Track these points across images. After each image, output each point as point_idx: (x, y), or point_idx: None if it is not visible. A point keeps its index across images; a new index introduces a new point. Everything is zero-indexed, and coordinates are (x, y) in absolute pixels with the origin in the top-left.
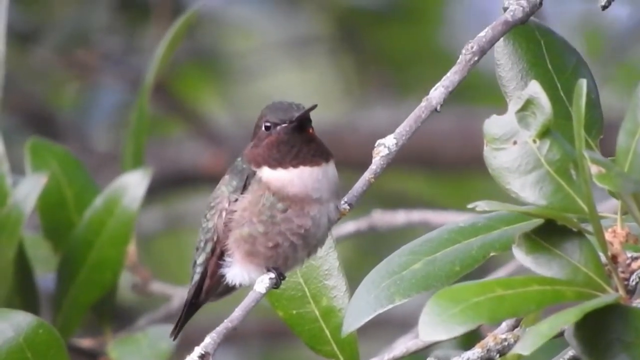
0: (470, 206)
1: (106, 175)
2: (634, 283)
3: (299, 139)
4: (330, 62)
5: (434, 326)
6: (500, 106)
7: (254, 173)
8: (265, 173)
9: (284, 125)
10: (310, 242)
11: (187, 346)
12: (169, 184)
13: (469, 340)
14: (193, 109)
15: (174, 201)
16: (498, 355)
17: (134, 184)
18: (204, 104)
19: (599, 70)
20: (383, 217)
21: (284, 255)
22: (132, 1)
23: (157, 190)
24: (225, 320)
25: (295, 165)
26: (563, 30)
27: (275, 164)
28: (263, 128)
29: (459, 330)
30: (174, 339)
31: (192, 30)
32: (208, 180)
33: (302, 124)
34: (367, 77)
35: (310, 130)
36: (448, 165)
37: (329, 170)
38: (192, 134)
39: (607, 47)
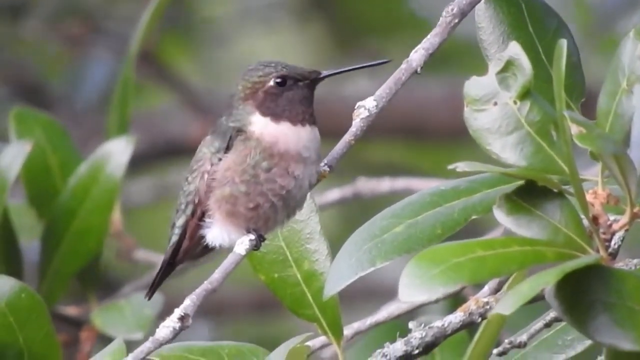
0: (450, 167)
1: (96, 146)
2: (616, 246)
3: (311, 98)
4: (302, 27)
5: (415, 287)
6: None
7: (239, 132)
8: (268, 127)
9: (306, 81)
10: (290, 204)
11: (170, 312)
12: (157, 155)
13: (453, 306)
14: (180, 79)
15: (163, 172)
16: (480, 319)
17: (118, 151)
18: (186, 73)
19: (587, 41)
20: (367, 185)
21: (264, 217)
22: None
23: (146, 161)
24: (205, 282)
25: (304, 124)
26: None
27: (293, 119)
28: (272, 83)
29: (440, 291)
30: (148, 299)
31: None
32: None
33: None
34: (339, 42)
35: None
36: (436, 134)
37: (317, 133)
38: (180, 104)
39: (595, 19)
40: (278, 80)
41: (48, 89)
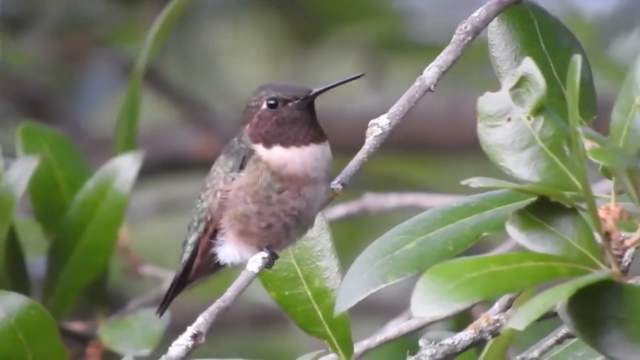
0: (464, 182)
1: (99, 159)
2: (626, 263)
3: (308, 116)
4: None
5: (428, 303)
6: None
7: (252, 152)
8: (269, 152)
9: (296, 101)
10: (301, 223)
11: (181, 329)
12: (161, 169)
13: (460, 323)
14: (184, 93)
15: (167, 186)
16: (490, 336)
17: (125, 167)
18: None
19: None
20: (375, 201)
21: (276, 235)
22: None
23: (149, 175)
24: (218, 300)
25: (306, 144)
26: None
27: (288, 142)
28: (265, 106)
29: (454, 307)
30: (159, 317)
31: None
32: (200, 164)
33: (313, 101)
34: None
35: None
36: (440, 149)
37: (326, 150)
38: (184, 118)
39: (592, 38)
40: (270, 102)
41: (50, 102)
